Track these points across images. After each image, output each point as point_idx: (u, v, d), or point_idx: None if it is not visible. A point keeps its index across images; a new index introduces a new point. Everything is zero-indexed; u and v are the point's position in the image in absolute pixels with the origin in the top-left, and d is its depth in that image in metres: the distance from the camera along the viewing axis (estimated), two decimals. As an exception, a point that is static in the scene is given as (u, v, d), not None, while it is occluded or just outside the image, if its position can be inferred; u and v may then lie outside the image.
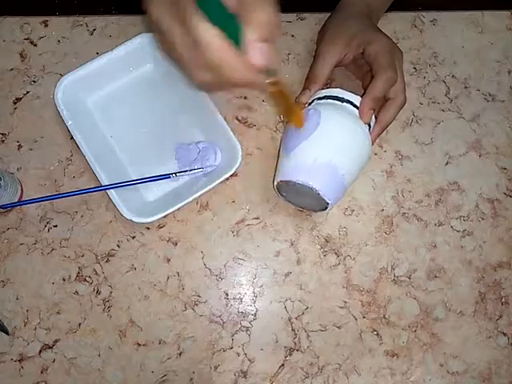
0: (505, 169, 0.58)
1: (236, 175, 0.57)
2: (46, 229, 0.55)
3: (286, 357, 0.53)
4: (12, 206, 0.53)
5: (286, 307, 0.54)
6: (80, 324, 0.53)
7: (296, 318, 0.54)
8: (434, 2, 0.62)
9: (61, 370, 0.52)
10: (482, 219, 0.57)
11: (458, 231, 0.57)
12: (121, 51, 0.56)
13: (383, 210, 0.57)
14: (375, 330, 0.54)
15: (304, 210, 0.56)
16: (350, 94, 0.52)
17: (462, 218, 0.57)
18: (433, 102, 0.60)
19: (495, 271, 0.56)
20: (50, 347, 0.53)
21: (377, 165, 0.58)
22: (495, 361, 0.54)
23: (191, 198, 0.53)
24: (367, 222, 0.57)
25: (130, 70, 0.58)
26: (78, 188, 0.56)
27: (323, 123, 0.49)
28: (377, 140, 0.54)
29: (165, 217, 0.52)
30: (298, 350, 0.54)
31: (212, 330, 0.54)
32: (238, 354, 0.53)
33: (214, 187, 0.53)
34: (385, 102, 0.53)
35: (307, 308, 0.54)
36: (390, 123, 0.53)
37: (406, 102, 0.53)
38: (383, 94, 0.52)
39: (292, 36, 0.61)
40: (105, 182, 0.53)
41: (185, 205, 0.53)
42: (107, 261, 0.55)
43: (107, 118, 0.57)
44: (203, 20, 0.31)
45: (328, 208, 0.51)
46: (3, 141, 0.57)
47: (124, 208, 0.52)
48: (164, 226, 0.56)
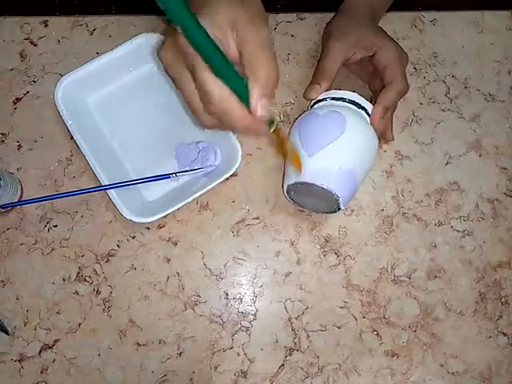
0: (505, 169, 0.58)
1: (236, 175, 0.57)
2: (46, 229, 0.55)
3: (285, 357, 0.53)
4: (12, 205, 0.53)
5: (286, 307, 0.54)
6: (80, 324, 0.53)
7: (296, 318, 0.54)
8: (433, 1, 0.62)
9: (61, 370, 0.52)
10: (482, 219, 0.57)
11: (457, 231, 0.57)
12: (121, 51, 0.55)
13: (383, 209, 0.57)
14: (375, 330, 0.54)
15: (304, 210, 0.56)
16: (365, 100, 0.52)
17: (461, 218, 0.57)
18: (433, 102, 0.60)
19: (495, 271, 0.56)
20: (49, 347, 0.53)
21: (377, 165, 0.58)
22: (495, 361, 0.54)
23: (191, 198, 0.53)
24: (367, 222, 0.57)
25: (130, 69, 0.58)
26: (78, 188, 0.56)
27: (348, 130, 0.49)
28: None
29: (165, 217, 0.52)
30: (297, 350, 0.54)
31: (212, 330, 0.54)
32: (238, 354, 0.53)
33: (213, 187, 0.53)
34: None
35: (307, 308, 0.54)
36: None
37: (407, 89, 0.53)
38: (395, 105, 0.53)
39: (292, 36, 0.61)
40: (105, 181, 0.53)
41: (185, 205, 0.53)
42: (107, 261, 0.55)
43: (107, 118, 0.57)
44: (210, 73, 0.34)
45: (337, 212, 0.51)
46: (3, 141, 0.57)
47: (124, 208, 0.52)
48: (164, 226, 0.56)
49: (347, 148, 0.49)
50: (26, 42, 0.60)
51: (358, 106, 0.52)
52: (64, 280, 0.54)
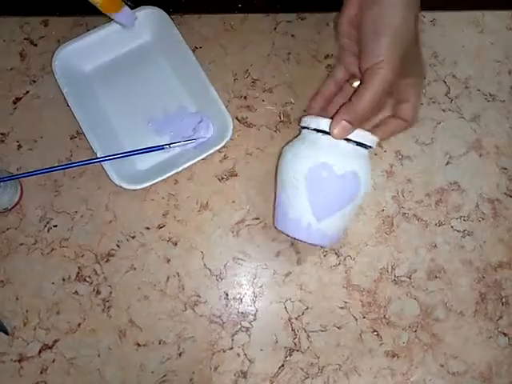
0: (505, 169, 0.58)
1: (236, 175, 0.57)
2: (46, 229, 0.55)
3: (286, 357, 0.53)
4: (10, 178, 0.52)
5: (286, 307, 0.54)
6: (80, 324, 0.53)
7: (296, 319, 0.54)
8: (434, 1, 0.62)
9: (60, 370, 0.52)
10: (483, 219, 0.57)
11: (458, 231, 0.57)
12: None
13: (383, 210, 0.57)
14: (375, 331, 0.54)
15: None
16: (376, 138, 0.47)
17: (462, 218, 0.57)
18: (433, 102, 0.60)
19: (495, 271, 0.56)
20: (49, 347, 0.53)
21: (377, 165, 0.58)
22: (495, 361, 0.54)
23: (181, 168, 0.54)
24: (367, 222, 0.57)
25: (129, 41, 0.59)
26: (78, 188, 0.56)
27: (360, 195, 0.47)
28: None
29: (154, 185, 0.54)
30: (298, 351, 0.53)
31: (212, 331, 0.54)
32: (238, 355, 0.53)
33: (204, 158, 0.54)
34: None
35: (307, 308, 0.54)
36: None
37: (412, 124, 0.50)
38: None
39: (292, 36, 0.61)
40: (98, 150, 0.54)
41: (174, 174, 0.54)
42: (107, 261, 0.55)
43: (103, 88, 0.58)
44: None
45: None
46: (3, 141, 0.57)
47: (114, 174, 0.53)
48: (164, 225, 0.56)
49: (353, 211, 0.49)
50: (25, 41, 0.60)
51: (368, 147, 0.47)
52: (64, 280, 0.54)
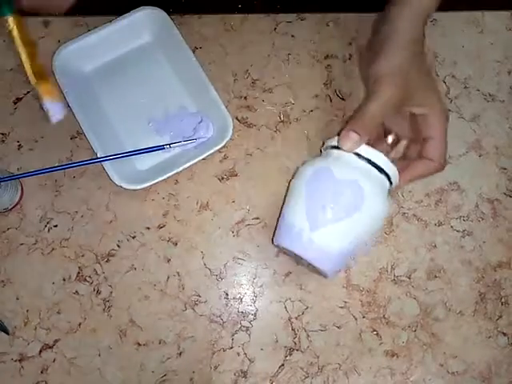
0: (505, 169, 0.58)
1: (236, 175, 0.57)
2: (46, 229, 0.55)
3: (285, 357, 0.53)
4: (11, 178, 0.52)
5: (285, 307, 0.54)
6: (80, 324, 0.53)
7: (296, 318, 0.54)
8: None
9: (61, 370, 0.52)
10: (482, 219, 0.57)
11: (457, 231, 0.57)
12: (119, 24, 0.57)
13: (383, 209, 0.57)
14: (375, 330, 0.54)
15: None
16: (392, 166, 0.45)
17: (461, 218, 0.57)
18: (433, 102, 0.60)
19: (495, 271, 0.56)
20: (50, 347, 0.53)
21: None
22: (495, 361, 0.54)
23: (181, 168, 0.54)
24: (367, 222, 0.57)
25: (129, 42, 0.59)
26: (78, 188, 0.56)
27: (364, 208, 0.43)
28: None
29: (154, 185, 0.54)
30: (297, 350, 0.54)
31: (212, 330, 0.54)
32: (238, 354, 0.53)
33: (204, 158, 0.54)
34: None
35: (307, 308, 0.54)
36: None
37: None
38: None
39: (292, 36, 0.61)
40: (98, 150, 0.54)
41: (174, 174, 0.54)
42: (107, 261, 0.55)
43: (103, 88, 0.58)
44: None
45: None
46: (3, 141, 0.57)
47: (115, 174, 0.53)
48: (164, 225, 0.56)
49: (355, 229, 0.44)
50: (26, 42, 0.60)
51: (381, 171, 0.45)
52: (64, 280, 0.54)
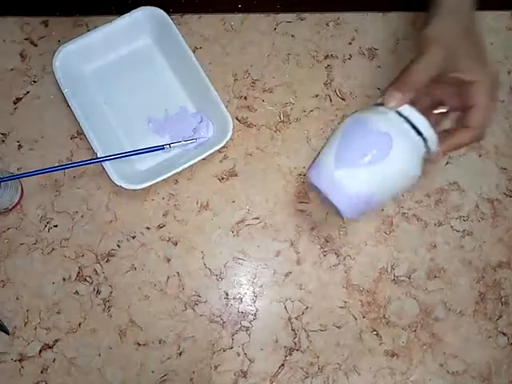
0: (505, 169, 0.58)
1: (236, 175, 0.57)
2: (47, 229, 0.55)
3: (285, 357, 0.53)
4: (11, 178, 0.51)
5: (285, 307, 0.54)
6: (80, 324, 0.53)
7: (296, 318, 0.54)
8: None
9: (61, 370, 0.52)
10: (482, 219, 0.57)
11: (457, 231, 0.57)
12: (119, 24, 0.57)
13: (383, 209, 0.57)
14: (375, 330, 0.54)
15: (305, 210, 0.56)
16: (431, 128, 0.44)
17: (461, 218, 0.57)
18: (433, 102, 0.60)
19: (495, 271, 0.56)
20: (50, 347, 0.53)
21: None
22: (495, 361, 0.54)
23: (181, 168, 0.54)
24: (367, 222, 0.57)
25: (129, 42, 0.59)
26: (79, 188, 0.56)
27: (390, 160, 0.42)
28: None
29: (154, 185, 0.53)
30: (297, 350, 0.54)
31: (212, 330, 0.54)
32: (238, 354, 0.53)
33: (203, 158, 0.54)
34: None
35: (307, 308, 0.54)
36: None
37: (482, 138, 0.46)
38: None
39: (292, 36, 0.61)
40: (98, 150, 0.54)
41: (175, 174, 0.54)
42: (107, 261, 0.55)
43: (104, 88, 0.58)
44: None
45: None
46: (3, 141, 0.57)
47: (114, 174, 0.53)
48: (164, 225, 0.56)
49: (375, 177, 0.43)
50: (26, 42, 0.60)
51: (417, 131, 0.44)
52: (64, 280, 0.54)
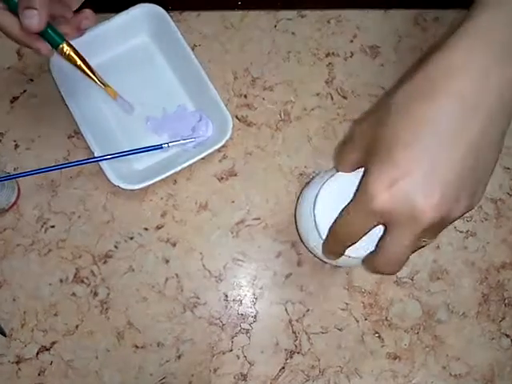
0: (508, 168, 0.58)
1: (236, 175, 0.56)
2: (43, 229, 0.54)
3: (286, 359, 0.53)
4: (7, 178, 0.51)
5: (286, 309, 0.54)
6: (77, 326, 0.53)
7: (297, 320, 0.54)
8: (436, 0, 0.61)
9: (58, 373, 0.52)
10: (486, 220, 0.56)
11: (461, 232, 0.56)
12: (117, 21, 0.57)
13: (385, 210, 0.56)
14: (377, 332, 0.54)
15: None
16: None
17: (465, 219, 0.56)
18: (435, 101, 0.59)
19: (498, 272, 0.55)
20: (47, 349, 0.52)
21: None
22: (498, 363, 0.54)
23: (179, 168, 0.53)
24: (369, 223, 0.56)
25: (127, 39, 0.58)
26: (75, 188, 0.55)
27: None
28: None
29: (152, 185, 0.53)
30: (298, 353, 0.53)
31: (211, 333, 0.53)
32: (238, 357, 0.53)
33: (202, 158, 0.54)
34: None
35: (308, 310, 0.54)
36: None
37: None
38: None
39: (292, 33, 0.60)
40: (95, 149, 0.53)
41: (173, 174, 0.53)
42: (105, 262, 0.54)
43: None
44: None
45: None
46: (0, 140, 0.57)
47: (112, 174, 0.52)
48: (163, 226, 0.55)
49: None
50: (22, 40, 0.59)
51: None
52: (61, 281, 0.54)
